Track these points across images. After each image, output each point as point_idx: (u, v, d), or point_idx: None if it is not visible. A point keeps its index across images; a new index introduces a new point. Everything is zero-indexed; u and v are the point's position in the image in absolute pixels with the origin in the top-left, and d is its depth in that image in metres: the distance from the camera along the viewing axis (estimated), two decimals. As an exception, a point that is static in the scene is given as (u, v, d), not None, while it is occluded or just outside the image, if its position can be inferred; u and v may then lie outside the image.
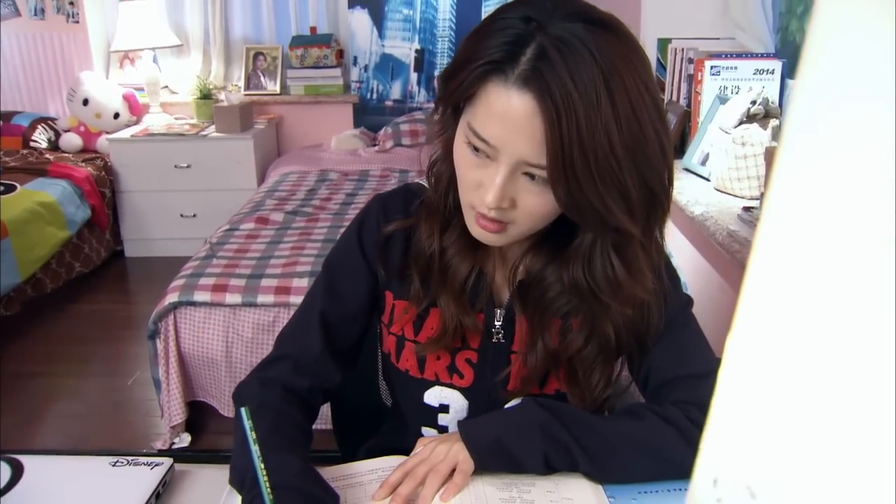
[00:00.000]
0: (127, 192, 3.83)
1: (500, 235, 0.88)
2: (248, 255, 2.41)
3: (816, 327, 0.30)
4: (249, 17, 4.19)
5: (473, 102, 0.82)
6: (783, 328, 0.32)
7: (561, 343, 0.97)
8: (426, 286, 0.98)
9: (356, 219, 1.05)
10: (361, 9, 4.11)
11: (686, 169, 2.26)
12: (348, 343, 1.05)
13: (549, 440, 0.87)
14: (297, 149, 4.20)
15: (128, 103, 4.01)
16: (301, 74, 4.11)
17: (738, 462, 0.35)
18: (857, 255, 0.28)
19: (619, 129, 0.77)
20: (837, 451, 0.30)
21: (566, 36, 0.77)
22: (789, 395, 0.32)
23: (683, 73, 2.55)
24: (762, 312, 0.33)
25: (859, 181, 0.27)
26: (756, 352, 0.34)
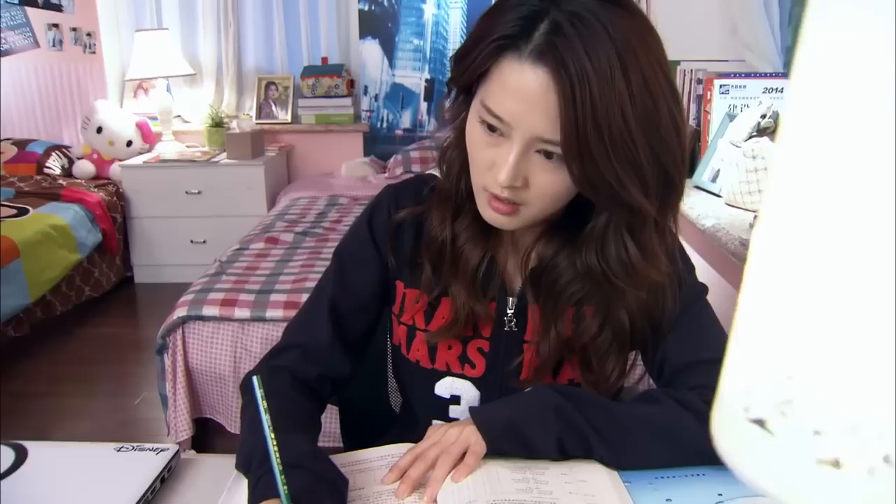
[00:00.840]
0: (138, 217, 3.86)
1: (512, 218, 0.87)
2: (257, 272, 2.41)
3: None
4: (262, 48, 4.26)
5: (487, 79, 0.82)
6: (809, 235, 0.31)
7: (574, 331, 0.95)
8: (437, 274, 0.97)
9: (367, 208, 1.05)
10: (372, 39, 4.17)
11: (697, 187, 2.26)
12: (358, 333, 1.04)
13: (564, 424, 0.85)
14: (308, 176, 4.23)
15: (141, 131, 4.06)
16: (312, 104, 4.15)
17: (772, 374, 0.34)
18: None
19: (632, 104, 0.77)
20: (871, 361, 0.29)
21: (580, 11, 0.77)
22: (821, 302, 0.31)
23: (693, 94, 2.57)
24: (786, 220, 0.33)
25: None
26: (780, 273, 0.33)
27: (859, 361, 0.29)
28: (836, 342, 0.30)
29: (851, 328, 0.30)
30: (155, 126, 4.13)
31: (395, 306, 1.04)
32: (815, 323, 0.31)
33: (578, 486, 0.82)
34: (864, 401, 0.29)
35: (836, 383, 0.30)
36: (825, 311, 0.31)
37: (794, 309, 0.32)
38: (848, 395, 0.30)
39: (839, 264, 0.30)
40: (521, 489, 0.79)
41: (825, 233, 0.31)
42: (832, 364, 0.30)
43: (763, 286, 0.35)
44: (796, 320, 0.32)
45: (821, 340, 0.31)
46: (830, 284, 0.30)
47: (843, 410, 0.30)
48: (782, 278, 0.33)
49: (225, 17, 4.14)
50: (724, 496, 0.83)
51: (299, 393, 0.96)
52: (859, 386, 0.29)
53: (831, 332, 0.30)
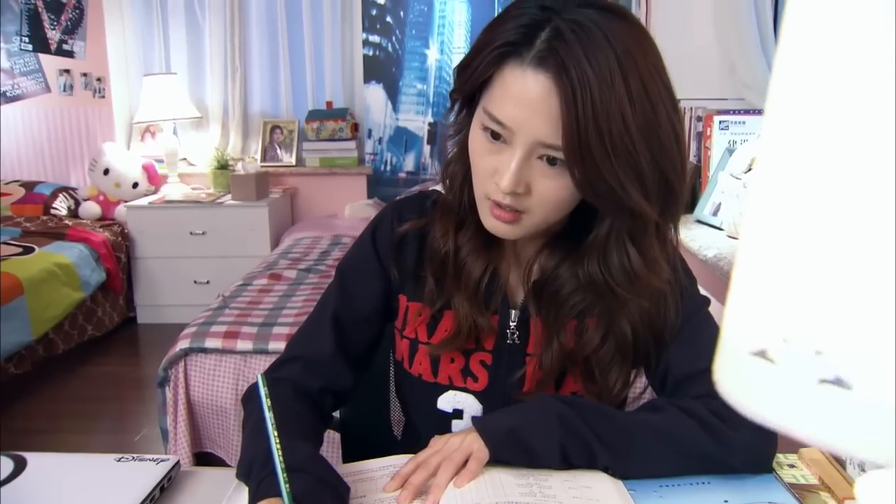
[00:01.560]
0: (142, 258, 3.87)
1: (515, 227, 0.88)
2: (260, 307, 2.41)
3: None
4: (268, 92, 4.33)
5: (490, 86, 0.84)
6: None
7: (577, 343, 0.95)
8: (440, 286, 0.98)
9: (370, 224, 1.06)
10: (377, 84, 4.25)
11: (699, 221, 2.28)
12: (360, 346, 1.04)
13: (567, 432, 0.84)
14: (311, 218, 4.26)
15: (147, 173, 4.11)
16: (316, 147, 4.20)
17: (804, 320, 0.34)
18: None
19: (632, 109, 0.78)
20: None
21: (580, 19, 0.79)
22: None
23: (693, 131, 2.60)
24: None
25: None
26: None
27: (858, 282, 0.30)
28: (834, 265, 0.31)
29: (848, 252, 0.30)
30: (161, 168, 4.18)
31: (398, 320, 1.04)
32: (813, 251, 0.31)
33: (582, 491, 0.81)
34: (863, 318, 0.29)
35: (837, 304, 0.30)
36: (822, 241, 0.31)
37: (790, 243, 0.33)
38: (848, 314, 0.30)
39: (831, 197, 0.31)
40: (525, 493, 0.78)
41: (819, 172, 0.32)
42: (832, 287, 0.31)
43: (761, 224, 0.35)
44: (793, 253, 0.32)
45: (819, 266, 0.31)
46: (825, 217, 0.31)
47: (844, 329, 0.30)
48: (779, 215, 0.34)
49: (232, 62, 4.22)
50: (730, 502, 0.82)
51: (302, 405, 0.96)
52: (858, 304, 0.30)
53: (829, 256, 0.31)
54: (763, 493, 0.84)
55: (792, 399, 0.31)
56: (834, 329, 0.30)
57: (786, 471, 0.89)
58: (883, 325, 0.29)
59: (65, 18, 4.13)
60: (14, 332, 2.84)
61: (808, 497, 0.84)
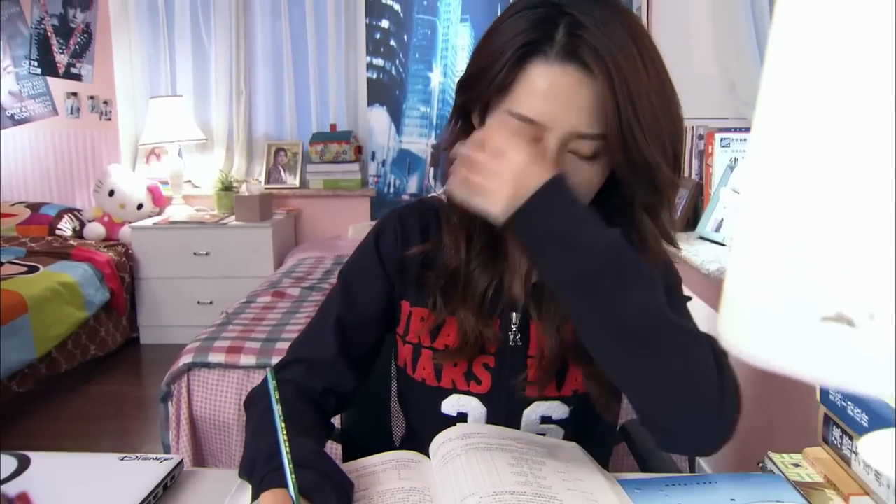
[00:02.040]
0: (146, 278, 3.88)
1: None
2: (263, 323, 2.41)
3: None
4: (272, 115, 4.37)
5: (512, 89, 0.84)
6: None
7: (577, 339, 0.95)
8: (446, 298, 0.98)
9: (373, 231, 1.06)
10: (380, 106, 4.28)
11: (701, 237, 2.28)
12: (363, 349, 1.04)
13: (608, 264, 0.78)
14: (315, 239, 4.27)
15: (151, 195, 4.13)
16: (320, 169, 4.23)
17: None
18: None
19: (653, 88, 0.82)
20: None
21: (590, 8, 0.81)
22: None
23: (695, 150, 2.62)
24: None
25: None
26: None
27: (854, 228, 0.30)
28: (832, 216, 0.31)
29: (845, 202, 0.31)
30: (165, 190, 4.20)
31: (400, 327, 1.04)
32: (812, 203, 0.32)
33: (576, 483, 0.81)
34: (864, 259, 0.30)
35: (839, 249, 0.31)
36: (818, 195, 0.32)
37: (789, 197, 0.33)
38: (848, 256, 0.30)
39: (829, 150, 0.32)
40: (521, 482, 0.78)
41: (815, 131, 0.32)
42: (832, 234, 0.31)
43: (760, 181, 0.36)
44: (793, 206, 0.33)
45: (817, 218, 0.32)
46: (819, 168, 0.32)
47: (845, 268, 0.30)
48: (777, 169, 0.34)
49: (237, 86, 4.27)
50: (737, 500, 0.82)
51: (305, 405, 0.96)
52: (859, 246, 0.30)
53: (828, 209, 0.31)
54: (770, 491, 0.84)
55: (797, 342, 0.32)
56: (835, 268, 0.31)
57: (791, 470, 0.89)
58: (881, 261, 0.29)
59: (73, 42, 4.19)
60: (17, 349, 2.84)
61: (813, 495, 0.84)
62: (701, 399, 0.80)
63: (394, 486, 0.83)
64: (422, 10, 4.19)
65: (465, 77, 0.91)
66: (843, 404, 0.84)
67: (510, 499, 0.75)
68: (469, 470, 0.81)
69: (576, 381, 0.97)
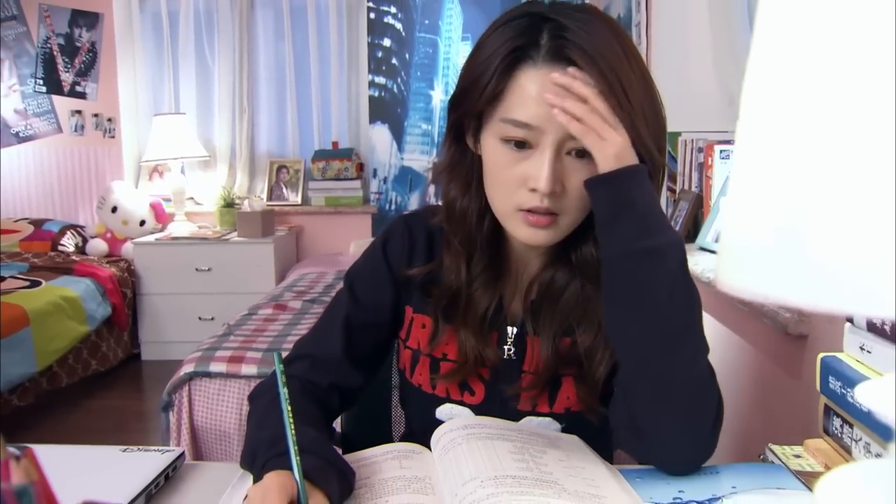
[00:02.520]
0: (148, 294, 3.89)
1: (551, 231, 0.89)
2: (265, 334, 2.42)
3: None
4: (274, 133, 4.41)
5: (504, 97, 0.85)
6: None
7: (571, 351, 0.97)
8: (447, 318, 0.99)
9: (381, 235, 1.07)
10: (382, 124, 4.31)
11: (701, 248, 2.29)
12: (368, 349, 1.05)
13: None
14: (316, 255, 4.29)
15: (154, 211, 4.15)
16: (322, 186, 4.25)
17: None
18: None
19: (638, 81, 0.84)
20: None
21: (571, 13, 0.84)
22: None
23: (694, 162, 2.63)
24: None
25: None
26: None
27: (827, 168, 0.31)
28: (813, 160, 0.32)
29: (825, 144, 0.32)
30: (168, 207, 4.23)
31: (403, 331, 1.05)
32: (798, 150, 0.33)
33: (577, 471, 0.82)
34: (847, 184, 0.31)
35: (824, 169, 0.32)
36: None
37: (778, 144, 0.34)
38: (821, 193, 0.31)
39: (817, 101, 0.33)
40: (522, 468, 0.79)
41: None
42: (822, 158, 0.32)
43: (752, 133, 0.37)
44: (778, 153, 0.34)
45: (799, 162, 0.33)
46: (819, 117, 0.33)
47: (827, 197, 0.31)
48: (772, 122, 0.35)
49: (240, 103, 4.30)
50: (738, 488, 0.82)
51: (308, 400, 0.97)
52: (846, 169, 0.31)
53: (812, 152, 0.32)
54: (771, 479, 0.84)
55: (787, 270, 0.33)
56: (823, 200, 0.32)
57: (792, 460, 0.89)
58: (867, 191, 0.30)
59: (79, 61, 4.23)
60: (18, 363, 2.84)
61: (814, 483, 0.83)
62: (703, 409, 0.84)
63: (395, 474, 0.83)
64: (423, 29, 4.23)
65: (455, 93, 0.92)
66: (843, 391, 0.84)
67: (511, 482, 0.75)
68: (470, 457, 0.81)
69: (568, 398, 0.98)
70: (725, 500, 0.80)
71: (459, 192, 0.97)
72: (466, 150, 0.96)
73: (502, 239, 0.99)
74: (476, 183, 0.95)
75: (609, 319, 0.87)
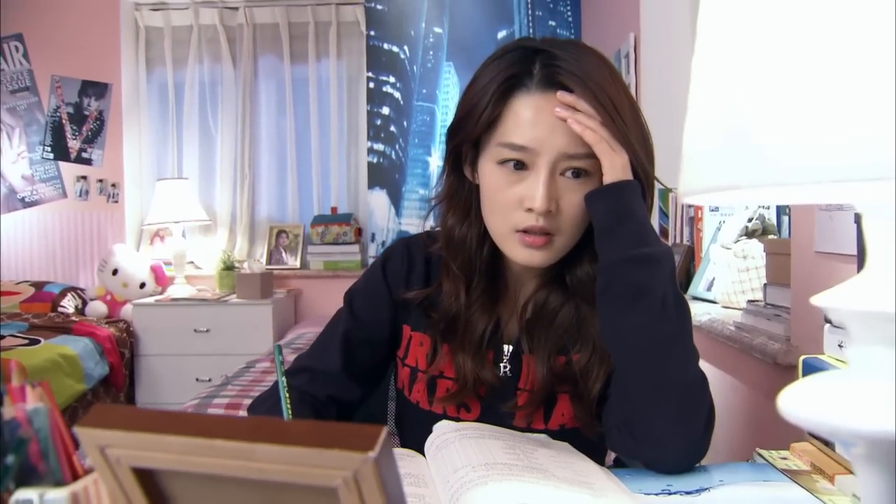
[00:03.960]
0: (146, 355, 3.89)
1: (547, 251, 0.93)
2: (263, 384, 2.42)
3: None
4: (275, 198, 4.49)
5: (500, 123, 0.92)
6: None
7: (566, 370, 1.00)
8: (444, 338, 1.02)
9: (381, 256, 1.11)
10: (380, 189, 4.41)
11: (694, 297, 2.33)
12: (367, 366, 1.08)
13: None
14: (315, 317, 4.30)
15: (154, 274, 4.20)
16: (321, 250, 4.30)
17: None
18: None
19: (626, 105, 0.91)
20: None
21: (561, 44, 0.91)
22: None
23: (685, 217, 2.70)
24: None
25: None
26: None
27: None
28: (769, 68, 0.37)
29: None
30: (168, 270, 4.27)
31: (401, 349, 1.08)
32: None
33: (567, 465, 0.84)
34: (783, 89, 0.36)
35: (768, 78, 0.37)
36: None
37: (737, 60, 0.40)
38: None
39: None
40: (513, 458, 0.81)
41: None
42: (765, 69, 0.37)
43: (706, 56, 0.42)
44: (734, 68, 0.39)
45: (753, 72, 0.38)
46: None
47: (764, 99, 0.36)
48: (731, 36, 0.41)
49: (241, 170, 4.41)
50: (724, 481, 0.84)
51: (307, 410, 0.99)
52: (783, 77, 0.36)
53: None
54: (757, 475, 0.86)
55: (738, 165, 0.37)
56: (763, 102, 0.37)
57: (779, 462, 0.91)
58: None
59: (86, 129, 4.35)
60: (14, 419, 2.82)
61: (800, 478, 0.86)
62: (695, 408, 0.88)
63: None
64: (421, 97, 4.38)
65: (452, 124, 0.98)
66: (822, 387, 0.87)
67: (502, 468, 0.77)
68: (462, 451, 0.83)
69: (562, 415, 1.01)
70: (713, 490, 0.82)
71: (458, 219, 1.02)
72: (464, 180, 1.01)
73: (500, 263, 1.03)
74: (475, 210, 1.00)
75: (604, 322, 0.91)
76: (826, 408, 0.39)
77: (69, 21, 4.28)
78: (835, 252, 1.21)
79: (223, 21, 4.40)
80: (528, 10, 4.31)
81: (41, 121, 4.36)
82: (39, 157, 4.36)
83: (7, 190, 4.35)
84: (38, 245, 4.35)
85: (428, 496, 0.78)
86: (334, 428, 0.37)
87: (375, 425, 0.37)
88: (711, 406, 0.89)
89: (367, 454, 0.36)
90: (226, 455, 0.38)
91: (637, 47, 2.91)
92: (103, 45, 4.28)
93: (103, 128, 4.35)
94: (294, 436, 0.37)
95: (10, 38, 4.31)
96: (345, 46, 4.43)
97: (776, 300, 1.61)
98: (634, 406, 0.89)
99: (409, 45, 4.36)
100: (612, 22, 3.38)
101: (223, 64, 4.40)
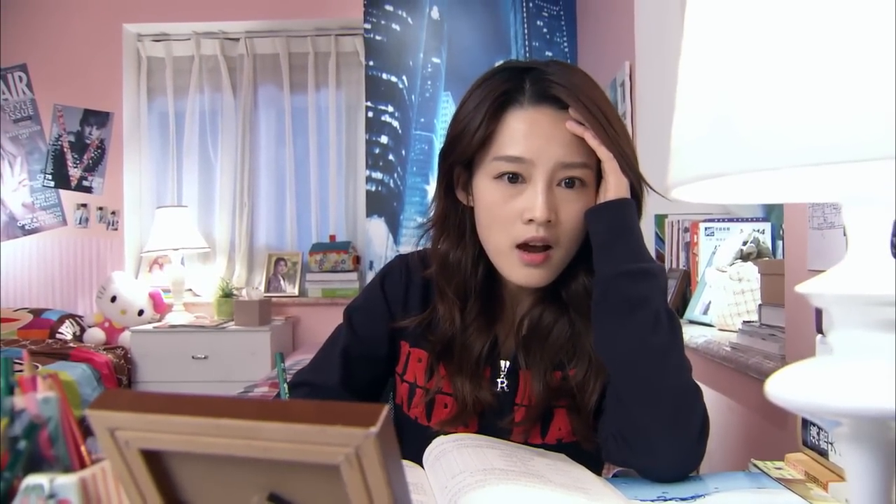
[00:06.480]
0: (143, 382, 3.88)
1: (545, 268, 0.95)
2: (260, 408, 2.42)
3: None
4: (273, 227, 4.52)
5: (494, 138, 0.94)
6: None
7: (563, 385, 1.01)
8: (441, 359, 1.04)
9: (379, 273, 1.13)
10: (378, 217, 4.43)
11: (690, 321, 2.34)
12: (365, 381, 1.08)
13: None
14: (312, 344, 4.30)
15: (153, 301, 4.20)
16: (319, 278, 4.32)
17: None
18: None
19: (615, 115, 0.94)
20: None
21: (550, 65, 0.95)
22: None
23: (681, 242, 2.73)
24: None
25: None
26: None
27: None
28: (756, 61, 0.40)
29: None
30: (167, 297, 4.27)
31: (399, 366, 1.09)
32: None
33: (564, 473, 0.85)
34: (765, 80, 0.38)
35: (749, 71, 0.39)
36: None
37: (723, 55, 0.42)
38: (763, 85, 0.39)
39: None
40: (510, 464, 0.82)
41: None
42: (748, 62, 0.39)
43: (693, 50, 0.44)
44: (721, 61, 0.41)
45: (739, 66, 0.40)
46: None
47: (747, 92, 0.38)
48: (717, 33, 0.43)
49: (240, 198, 4.44)
50: (720, 488, 0.85)
51: None
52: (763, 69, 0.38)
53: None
54: (752, 483, 0.87)
55: (723, 152, 0.39)
56: (747, 95, 0.39)
57: (773, 472, 0.92)
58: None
59: (87, 157, 4.39)
60: (10, 444, 2.81)
61: (794, 486, 0.87)
62: (689, 416, 0.89)
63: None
64: (419, 126, 4.42)
65: (445, 144, 1.00)
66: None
67: (499, 473, 0.78)
68: (459, 458, 0.84)
69: (559, 429, 1.02)
70: (708, 497, 0.82)
71: (452, 243, 1.03)
72: (457, 203, 1.03)
73: (496, 283, 1.05)
74: (469, 233, 1.02)
75: (599, 332, 0.92)
76: (811, 388, 0.40)
77: (72, 51, 4.34)
78: (827, 268, 1.23)
79: (224, 51, 4.46)
80: (525, 41, 4.37)
81: (43, 149, 4.40)
82: (40, 185, 4.39)
83: (7, 217, 4.37)
84: (38, 272, 4.37)
85: (426, 503, 0.78)
86: (336, 406, 0.39)
87: (376, 403, 0.38)
88: (705, 415, 0.90)
89: (369, 429, 0.37)
90: (232, 434, 0.40)
91: (632, 75, 2.95)
92: (105, 75, 4.34)
93: (104, 156, 4.39)
94: (297, 414, 0.39)
95: (14, 69, 4.36)
96: (344, 76, 4.49)
97: (771, 320, 1.62)
98: (629, 415, 0.90)
99: (407, 75, 4.41)
100: (607, 50, 3.44)
101: (223, 93, 4.45)
